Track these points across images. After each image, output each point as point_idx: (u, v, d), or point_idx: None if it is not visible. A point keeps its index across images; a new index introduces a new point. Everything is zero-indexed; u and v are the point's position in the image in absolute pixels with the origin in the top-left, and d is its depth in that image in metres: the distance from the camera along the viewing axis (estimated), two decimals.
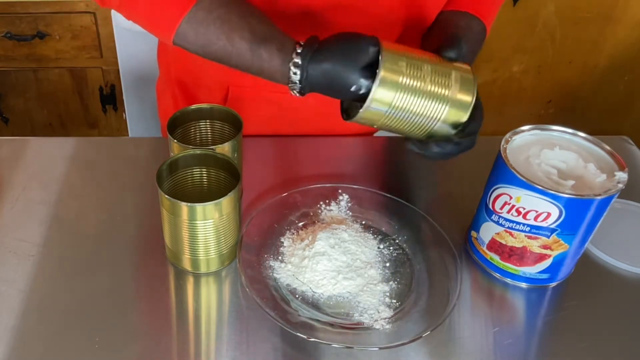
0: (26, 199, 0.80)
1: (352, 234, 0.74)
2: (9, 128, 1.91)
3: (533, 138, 0.71)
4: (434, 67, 0.63)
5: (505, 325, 0.69)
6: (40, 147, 0.90)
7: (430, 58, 0.64)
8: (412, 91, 0.62)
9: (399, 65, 0.62)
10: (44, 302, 0.68)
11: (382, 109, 0.63)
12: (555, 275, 0.71)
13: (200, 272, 0.71)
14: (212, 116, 0.78)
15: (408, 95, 0.62)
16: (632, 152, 0.95)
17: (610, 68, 2.06)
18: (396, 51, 0.63)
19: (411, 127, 0.65)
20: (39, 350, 0.63)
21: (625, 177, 0.66)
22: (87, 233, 0.76)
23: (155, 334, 0.65)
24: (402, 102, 0.63)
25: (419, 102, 0.63)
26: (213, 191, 0.74)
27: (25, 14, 1.66)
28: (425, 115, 0.64)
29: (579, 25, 1.96)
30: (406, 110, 0.63)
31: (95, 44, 1.73)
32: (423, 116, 0.64)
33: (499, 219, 0.69)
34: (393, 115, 0.64)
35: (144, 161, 0.88)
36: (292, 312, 0.66)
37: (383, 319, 0.66)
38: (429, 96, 0.63)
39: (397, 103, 0.63)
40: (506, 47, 1.99)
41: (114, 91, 1.83)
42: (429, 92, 0.63)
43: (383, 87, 0.62)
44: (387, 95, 0.62)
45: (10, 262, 0.72)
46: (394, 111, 0.63)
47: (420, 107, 0.63)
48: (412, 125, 0.65)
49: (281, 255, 0.74)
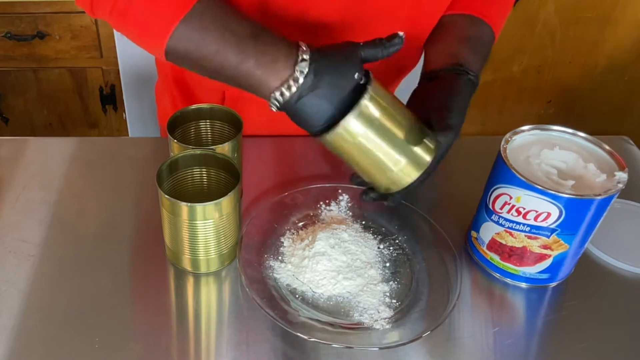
0: (26, 199, 0.80)
1: (352, 234, 0.74)
2: (9, 128, 1.91)
3: (533, 138, 0.71)
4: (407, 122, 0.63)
5: (505, 325, 0.69)
6: (40, 147, 0.90)
7: (407, 112, 0.64)
8: (381, 133, 0.61)
9: (380, 100, 0.61)
10: (44, 302, 0.68)
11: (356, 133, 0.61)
12: (555, 275, 0.72)
13: (200, 272, 0.71)
14: (212, 116, 0.78)
15: (377, 134, 0.61)
16: (632, 152, 0.95)
17: (610, 68, 2.06)
18: (382, 88, 0.62)
19: (361, 165, 0.65)
20: (39, 350, 0.63)
21: (625, 177, 0.66)
22: (87, 233, 0.76)
23: (155, 334, 0.65)
24: (364, 140, 0.61)
25: (380, 147, 0.62)
26: (213, 191, 0.74)
27: (25, 14, 1.66)
28: (380, 160, 0.63)
29: (579, 25, 1.96)
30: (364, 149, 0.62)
31: (95, 44, 1.73)
32: (377, 159, 0.63)
33: (499, 219, 0.69)
34: (351, 150, 0.63)
35: (144, 161, 0.88)
36: (292, 312, 0.66)
37: (383, 319, 0.66)
38: (389, 144, 0.62)
39: (361, 139, 0.61)
40: (506, 47, 1.99)
41: (114, 91, 1.84)
42: (392, 139, 0.62)
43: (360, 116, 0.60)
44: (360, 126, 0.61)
45: (10, 262, 0.72)
46: (353, 146, 0.62)
47: (377, 151, 0.62)
48: (364, 164, 0.64)
49: (281, 255, 0.74)
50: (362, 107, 0.60)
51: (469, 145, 0.94)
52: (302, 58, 0.60)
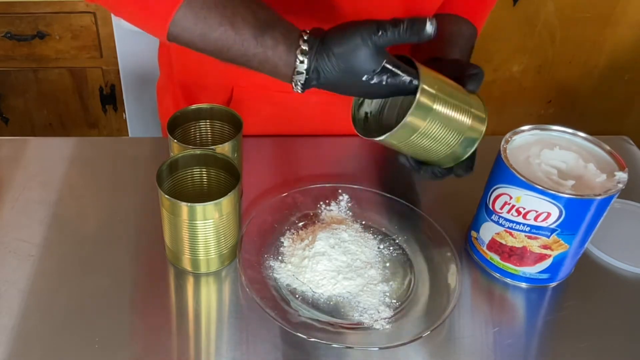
0: (26, 199, 0.80)
1: (352, 234, 0.74)
2: (9, 128, 1.91)
3: (533, 138, 0.71)
4: (459, 98, 0.64)
5: (505, 325, 0.69)
6: (40, 147, 0.90)
7: (456, 87, 0.65)
8: (440, 120, 0.63)
9: (434, 90, 0.62)
10: (44, 302, 0.68)
11: (409, 134, 0.63)
12: (555, 275, 0.71)
13: (200, 272, 0.71)
14: (212, 116, 0.78)
15: (435, 123, 0.63)
16: (632, 152, 0.95)
17: (610, 68, 2.06)
18: (430, 73, 0.63)
19: (421, 151, 0.66)
20: (39, 350, 0.63)
21: (625, 177, 0.66)
22: (87, 233, 0.76)
23: (155, 334, 0.65)
24: (428, 129, 0.63)
25: (441, 132, 0.64)
26: (213, 191, 0.74)
27: (25, 14, 1.66)
28: (442, 143, 0.65)
29: (579, 25, 1.96)
30: (429, 136, 0.64)
31: (95, 44, 1.73)
32: (439, 144, 0.65)
33: (499, 219, 0.69)
34: (413, 141, 0.64)
35: (144, 161, 0.88)
36: (292, 312, 0.66)
37: (383, 319, 0.66)
38: (451, 127, 0.64)
39: (424, 130, 0.63)
40: (506, 47, 1.99)
41: (114, 91, 1.84)
42: (453, 122, 0.64)
43: (417, 113, 0.61)
44: (417, 122, 0.62)
45: (10, 262, 0.72)
46: (417, 137, 0.63)
47: (440, 136, 0.64)
48: (423, 150, 0.66)
49: (281, 255, 0.74)
50: (419, 101, 0.60)
51: None
52: (302, 49, 0.60)
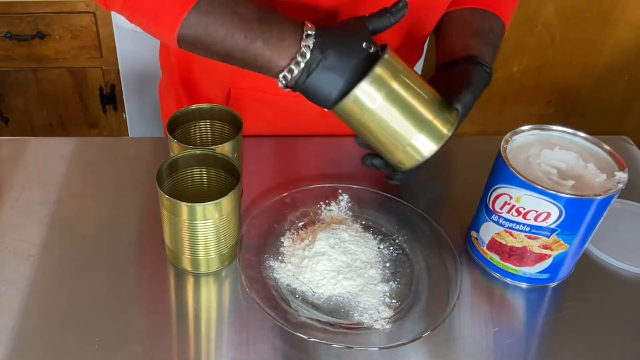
0: (26, 199, 0.80)
1: (352, 234, 0.74)
2: (9, 128, 1.91)
3: (533, 138, 0.71)
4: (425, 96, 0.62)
5: (505, 325, 0.69)
6: (40, 147, 0.90)
7: (426, 87, 0.64)
8: (397, 102, 0.61)
9: (396, 70, 0.61)
10: (44, 302, 0.68)
11: (366, 103, 0.61)
12: (555, 275, 0.71)
13: (200, 272, 0.71)
14: (212, 116, 0.78)
15: (392, 102, 0.61)
16: (632, 152, 0.95)
17: (610, 68, 2.06)
18: (399, 60, 0.62)
19: (369, 135, 0.64)
20: (39, 350, 0.63)
21: (625, 177, 0.66)
22: (87, 233, 0.76)
23: (155, 334, 0.65)
24: (380, 109, 0.61)
25: (390, 119, 0.61)
26: (213, 191, 0.74)
27: (25, 14, 1.66)
28: (388, 134, 0.63)
29: (579, 25, 1.96)
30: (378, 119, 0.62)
31: (95, 44, 1.73)
32: (386, 133, 0.63)
33: (499, 219, 0.69)
34: (362, 120, 0.62)
35: (144, 161, 0.88)
36: (292, 312, 0.66)
37: (383, 319, 0.66)
38: (401, 119, 0.61)
39: (377, 108, 0.61)
40: (506, 47, 1.99)
41: (114, 91, 1.84)
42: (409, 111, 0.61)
43: (374, 81, 0.60)
44: (374, 90, 0.60)
45: (10, 262, 0.72)
46: (367, 115, 0.61)
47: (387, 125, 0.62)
48: (370, 134, 0.64)
49: (281, 255, 0.74)
50: (376, 72, 0.59)
51: (469, 145, 0.94)
52: (307, 34, 0.61)
